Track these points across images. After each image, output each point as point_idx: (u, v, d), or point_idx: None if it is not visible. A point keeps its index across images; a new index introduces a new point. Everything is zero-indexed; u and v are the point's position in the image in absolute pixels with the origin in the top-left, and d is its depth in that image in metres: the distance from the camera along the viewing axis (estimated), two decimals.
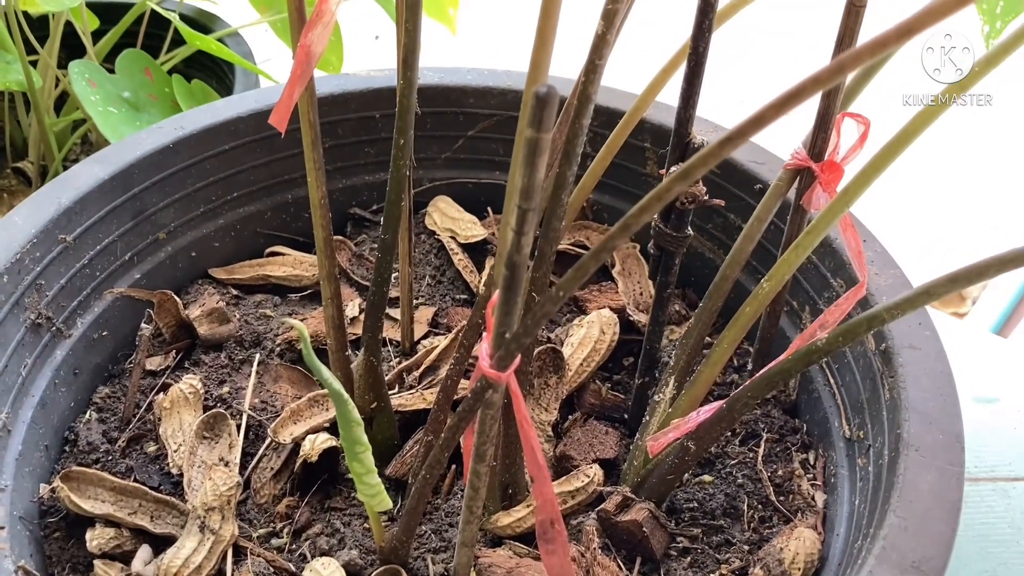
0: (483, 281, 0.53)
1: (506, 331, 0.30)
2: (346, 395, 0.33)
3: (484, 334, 0.33)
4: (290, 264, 0.55)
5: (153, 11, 0.74)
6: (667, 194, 0.26)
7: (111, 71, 0.82)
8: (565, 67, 0.47)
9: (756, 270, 0.51)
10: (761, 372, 0.36)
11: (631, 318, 0.51)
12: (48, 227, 0.45)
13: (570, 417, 0.47)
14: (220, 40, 0.75)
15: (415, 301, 0.54)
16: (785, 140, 0.46)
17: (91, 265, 0.48)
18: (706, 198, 0.39)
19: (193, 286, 0.54)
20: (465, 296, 0.55)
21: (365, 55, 2.06)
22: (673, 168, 0.39)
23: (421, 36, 0.38)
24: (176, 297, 0.50)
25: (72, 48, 0.78)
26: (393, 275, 0.49)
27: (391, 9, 0.74)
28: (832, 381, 0.45)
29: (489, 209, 0.59)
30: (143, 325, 0.48)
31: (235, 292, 0.54)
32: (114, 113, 0.58)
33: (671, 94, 0.42)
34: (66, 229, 0.46)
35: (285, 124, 0.38)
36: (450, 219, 0.56)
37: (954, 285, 0.32)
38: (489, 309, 0.32)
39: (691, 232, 0.41)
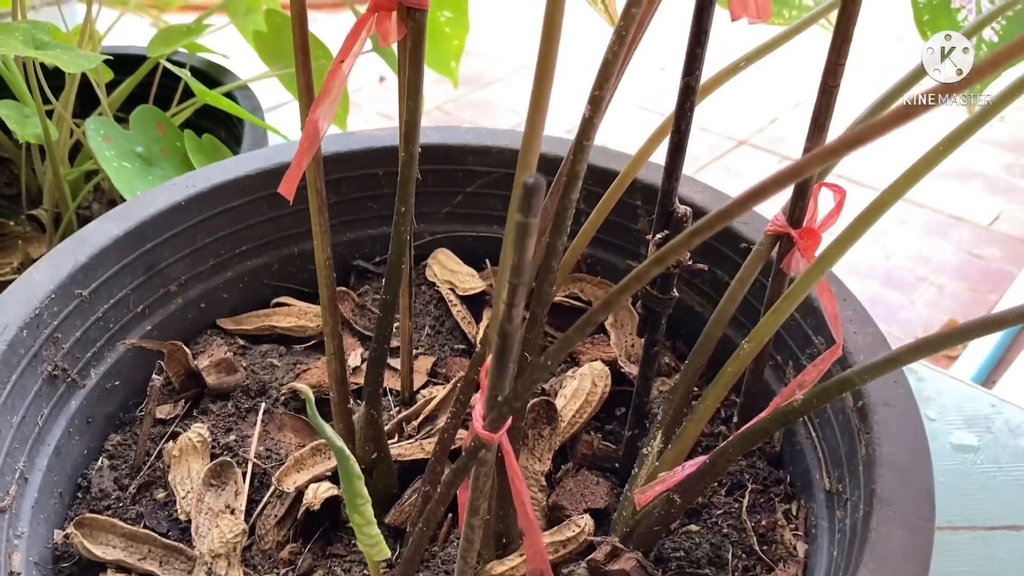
0: (480, 335, 0.56)
1: (498, 394, 0.32)
2: (348, 451, 0.35)
3: (478, 394, 0.35)
4: (295, 315, 0.57)
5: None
6: (647, 275, 0.29)
7: (124, 119, 0.85)
8: (567, 109, 0.49)
9: (743, 324, 0.53)
10: (741, 430, 0.38)
11: (623, 370, 0.53)
12: (65, 283, 0.48)
13: (563, 467, 0.49)
14: (230, 93, 0.78)
15: (415, 351, 0.56)
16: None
17: (105, 318, 0.50)
18: (690, 263, 0.42)
19: (202, 336, 0.56)
20: (463, 346, 0.57)
21: (370, 96, 2.09)
22: (659, 235, 0.41)
23: (422, 111, 0.41)
24: (185, 348, 0.53)
25: (86, 98, 0.81)
26: (395, 325, 0.51)
27: (393, 64, 0.76)
28: (814, 435, 0.47)
29: (487, 261, 0.61)
30: (154, 376, 0.50)
31: (242, 342, 0.56)
32: (127, 168, 0.60)
33: (661, 153, 0.44)
34: (82, 284, 0.49)
35: (293, 193, 0.40)
36: (449, 271, 0.59)
37: (918, 354, 0.34)
38: (483, 371, 0.34)
39: (676, 294, 0.43)
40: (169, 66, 0.65)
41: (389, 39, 0.39)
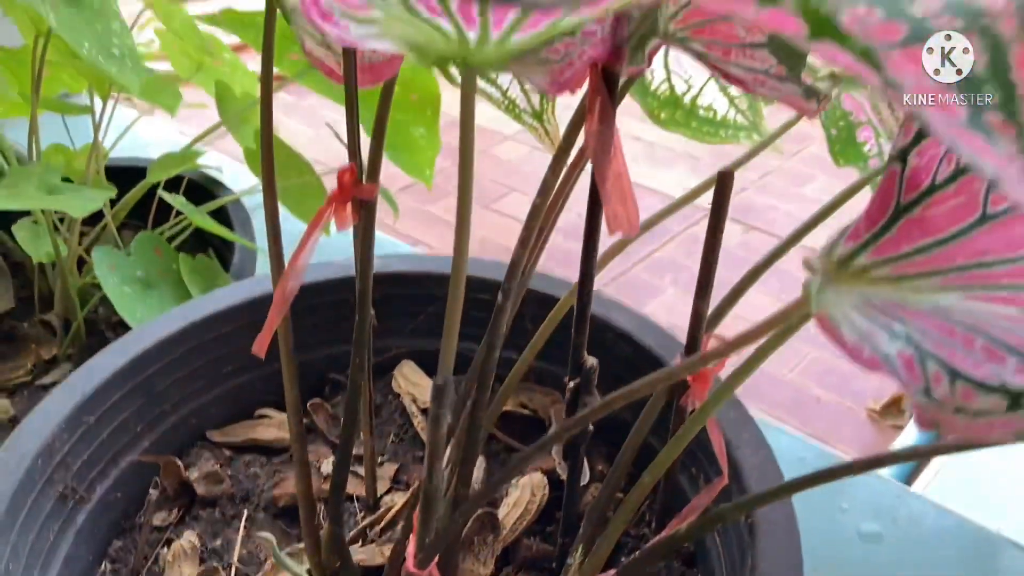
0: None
1: (426, 538, 0.40)
2: None
3: (411, 535, 0.42)
4: (276, 426, 0.65)
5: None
6: (565, 434, 0.36)
7: (128, 225, 0.93)
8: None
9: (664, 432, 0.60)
10: (631, 558, 0.46)
11: (561, 477, 0.60)
12: (75, 413, 0.55)
13: (504, 569, 0.56)
14: (223, 207, 0.86)
15: (380, 458, 0.64)
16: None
17: (108, 439, 0.58)
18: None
19: (193, 448, 0.64)
20: (422, 453, 0.64)
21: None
22: (571, 384, 0.49)
23: (371, 275, 0.49)
24: (178, 461, 0.60)
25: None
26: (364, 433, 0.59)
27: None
28: (717, 541, 0.54)
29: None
30: (151, 491, 0.58)
31: (228, 452, 0.64)
32: (128, 292, 0.68)
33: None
34: (89, 413, 0.56)
35: (265, 351, 0.48)
36: (412, 384, 0.66)
37: (791, 490, 0.42)
38: (415, 515, 0.41)
39: (591, 428, 0.51)
40: (164, 195, 0.74)
41: (345, 225, 0.47)
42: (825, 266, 0.28)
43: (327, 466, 0.63)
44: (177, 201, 0.72)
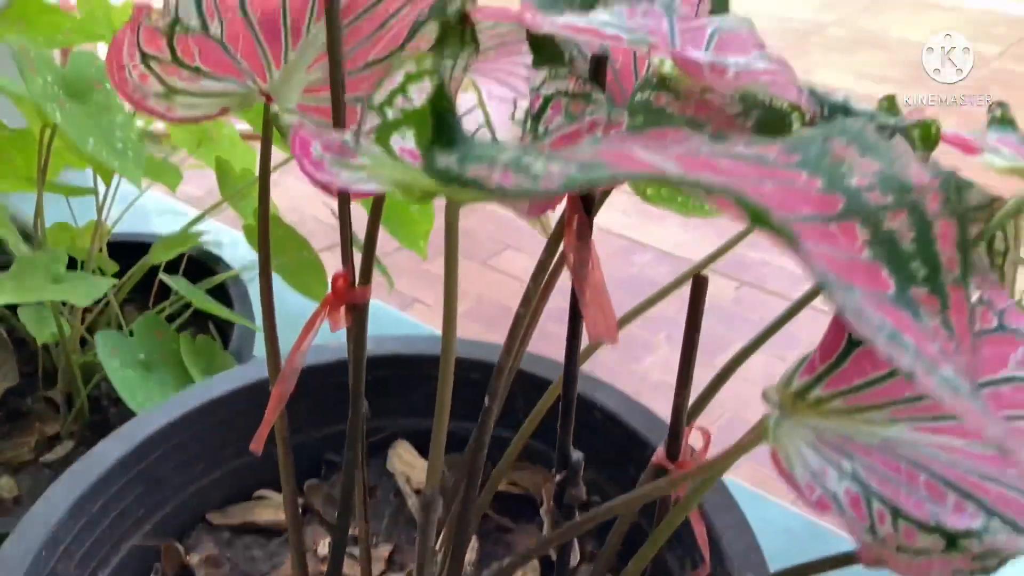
0: None
1: None
2: None
3: None
4: (273, 508, 0.66)
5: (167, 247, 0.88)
6: (549, 546, 0.38)
7: (131, 300, 0.95)
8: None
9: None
10: None
11: (552, 558, 0.62)
12: (78, 504, 0.57)
13: None
14: (222, 283, 0.88)
15: (375, 539, 0.65)
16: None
17: (111, 526, 0.60)
18: (585, 500, 0.51)
19: (193, 531, 0.65)
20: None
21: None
22: (558, 477, 0.50)
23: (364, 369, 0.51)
24: (179, 545, 0.62)
25: None
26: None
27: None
28: None
29: None
30: None
31: (228, 535, 0.65)
32: (131, 375, 0.70)
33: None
34: (92, 502, 0.58)
35: (262, 447, 0.50)
36: (407, 465, 0.68)
37: None
38: None
39: (578, 519, 0.52)
40: (164, 278, 0.76)
41: (338, 327, 0.49)
42: (782, 398, 0.30)
43: (324, 548, 0.64)
44: (178, 284, 0.74)
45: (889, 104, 0.60)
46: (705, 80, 0.34)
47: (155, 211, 1.23)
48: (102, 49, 0.91)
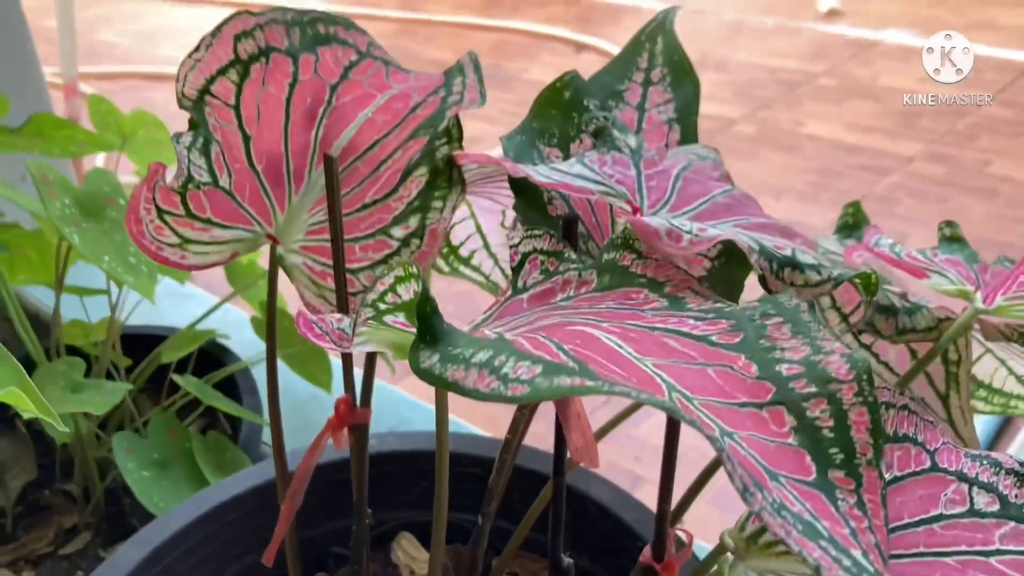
0: None
1: None
2: None
3: None
4: None
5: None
6: None
7: (144, 390, 0.99)
8: None
9: None
10: None
11: None
12: None
13: None
14: (231, 376, 0.92)
15: None
16: None
17: None
18: None
19: None
20: None
21: None
22: None
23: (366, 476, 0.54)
24: None
25: (110, 379, 0.95)
26: None
27: None
28: None
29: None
30: None
31: None
32: (146, 476, 0.74)
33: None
34: None
35: (272, 561, 0.53)
36: (411, 558, 0.71)
37: None
38: None
39: None
40: (176, 379, 0.80)
41: (341, 447, 0.53)
42: (736, 542, 0.34)
43: None
44: (187, 384, 0.78)
45: (855, 211, 0.64)
46: (663, 248, 0.38)
47: (167, 295, 1.27)
48: (110, 158, 0.96)
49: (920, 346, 0.55)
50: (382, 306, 0.32)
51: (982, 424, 1.35)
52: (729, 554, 0.33)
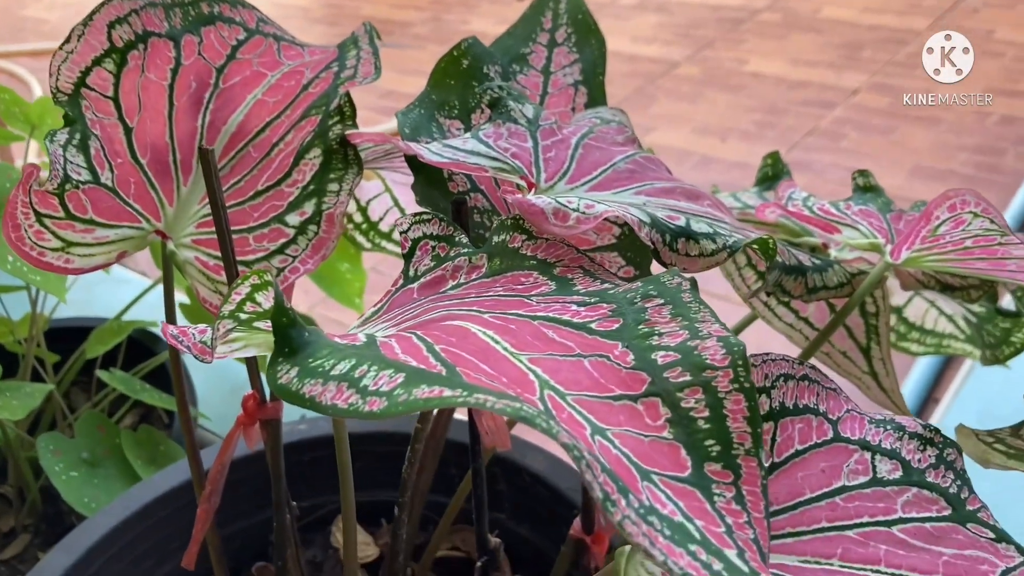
0: None
1: None
2: None
3: None
4: None
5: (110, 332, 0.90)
6: None
7: (80, 382, 0.96)
8: None
9: None
10: None
11: None
12: None
13: None
14: (162, 364, 0.90)
15: None
16: None
17: None
18: None
19: None
20: None
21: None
22: (479, 563, 0.53)
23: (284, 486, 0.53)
24: None
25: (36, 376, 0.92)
26: None
27: None
28: None
29: (383, 520, 0.73)
30: None
31: None
32: (75, 477, 0.72)
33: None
34: None
35: (193, 564, 0.52)
36: None
37: None
38: None
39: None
40: (103, 376, 0.77)
41: (254, 443, 0.51)
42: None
43: None
44: (114, 379, 0.76)
45: (773, 161, 0.63)
46: (550, 228, 0.37)
47: (98, 282, 1.23)
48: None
49: (839, 300, 0.54)
50: (242, 315, 0.30)
51: (921, 369, 1.36)
52: (626, 546, 0.33)
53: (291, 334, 0.28)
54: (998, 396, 1.21)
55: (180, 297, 1.04)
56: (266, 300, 0.30)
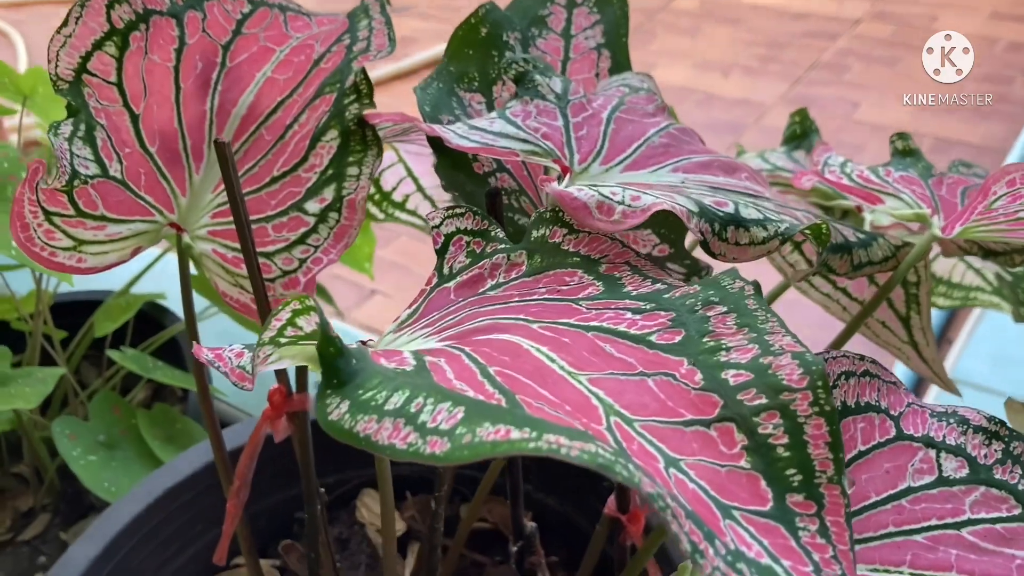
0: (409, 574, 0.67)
1: None
2: None
3: None
4: None
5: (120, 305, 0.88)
6: None
7: (90, 356, 0.95)
8: None
9: None
10: None
11: None
12: None
13: None
14: (173, 338, 0.89)
15: None
16: None
17: None
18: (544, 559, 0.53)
19: None
20: None
21: None
22: (514, 548, 0.52)
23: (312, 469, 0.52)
24: None
25: (45, 356, 0.91)
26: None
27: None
28: None
29: (408, 493, 0.72)
30: None
31: None
32: (93, 461, 0.71)
33: None
34: None
35: (225, 559, 0.51)
36: (375, 515, 0.70)
37: None
38: None
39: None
40: (113, 355, 0.76)
41: (282, 436, 0.50)
42: None
43: None
44: (125, 359, 0.75)
45: (801, 119, 0.61)
46: (594, 223, 0.35)
47: None
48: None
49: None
50: (283, 340, 0.29)
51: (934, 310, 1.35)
52: (687, 562, 0.31)
53: (339, 365, 0.27)
54: (1012, 336, 1.20)
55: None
56: (307, 324, 0.28)
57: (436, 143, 0.45)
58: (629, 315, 0.31)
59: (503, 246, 0.37)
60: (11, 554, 0.82)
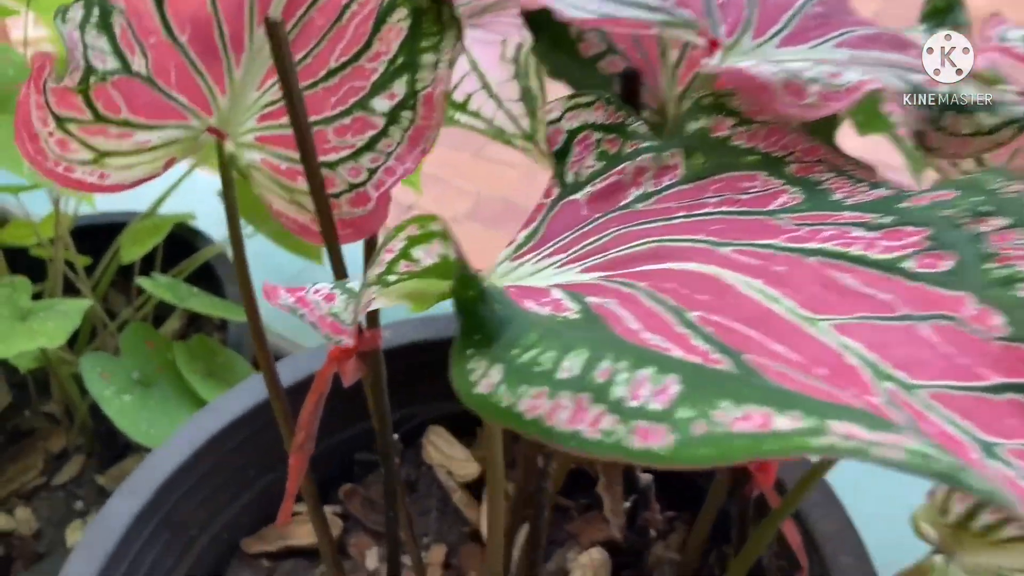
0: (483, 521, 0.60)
1: None
2: None
3: None
4: (309, 527, 0.61)
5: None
6: None
7: (114, 284, 0.88)
8: None
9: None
10: None
11: (622, 545, 0.57)
12: (102, 572, 0.52)
13: None
14: (207, 262, 0.81)
15: (425, 539, 0.61)
16: None
17: None
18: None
19: (229, 567, 0.61)
20: (467, 529, 0.61)
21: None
22: (626, 504, 0.45)
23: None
24: None
25: (68, 284, 0.84)
26: None
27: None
28: None
29: (478, 430, 0.65)
30: None
31: (267, 563, 0.61)
32: (128, 402, 0.64)
33: None
34: (115, 568, 0.53)
35: (288, 518, 0.44)
36: (445, 456, 0.63)
37: None
38: None
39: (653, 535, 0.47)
40: (142, 282, 0.68)
41: (351, 380, 0.42)
42: (942, 534, 0.24)
43: (372, 560, 0.60)
44: (158, 287, 0.67)
45: None
46: (777, 107, 0.26)
47: None
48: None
49: None
50: (391, 279, 0.21)
51: None
52: (936, 556, 0.24)
53: (482, 314, 0.19)
54: None
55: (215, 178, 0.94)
56: (427, 255, 0.20)
57: (534, 19, 0.36)
58: (859, 231, 0.22)
59: (647, 143, 0.28)
60: (46, 499, 0.76)
